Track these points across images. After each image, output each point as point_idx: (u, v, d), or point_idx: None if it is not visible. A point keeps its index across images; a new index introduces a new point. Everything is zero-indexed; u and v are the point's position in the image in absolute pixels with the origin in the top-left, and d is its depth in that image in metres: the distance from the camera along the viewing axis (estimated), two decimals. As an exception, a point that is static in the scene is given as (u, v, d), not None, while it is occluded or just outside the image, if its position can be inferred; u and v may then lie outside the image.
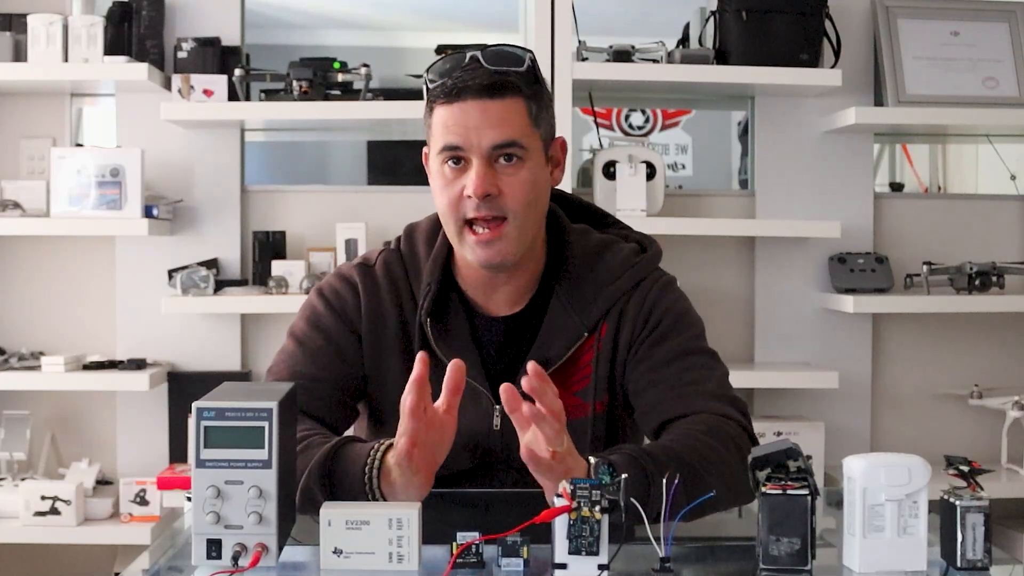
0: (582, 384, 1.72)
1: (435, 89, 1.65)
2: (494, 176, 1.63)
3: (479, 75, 1.62)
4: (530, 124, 1.65)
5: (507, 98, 1.63)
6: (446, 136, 1.63)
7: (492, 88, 1.62)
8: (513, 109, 1.63)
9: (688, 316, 1.77)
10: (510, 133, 1.63)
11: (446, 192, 1.65)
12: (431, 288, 1.72)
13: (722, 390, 1.70)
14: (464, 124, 1.62)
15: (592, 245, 1.78)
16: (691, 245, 3.22)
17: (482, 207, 1.62)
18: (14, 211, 3.05)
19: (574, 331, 1.71)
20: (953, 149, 3.84)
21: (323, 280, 1.82)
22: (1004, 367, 3.40)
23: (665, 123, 4.16)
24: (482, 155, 1.62)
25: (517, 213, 1.64)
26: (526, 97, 1.65)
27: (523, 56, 1.67)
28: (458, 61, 1.65)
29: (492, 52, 1.65)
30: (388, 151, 3.80)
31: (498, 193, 1.63)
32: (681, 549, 1.37)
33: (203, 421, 1.25)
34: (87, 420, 3.26)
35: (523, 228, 1.66)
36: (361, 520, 1.28)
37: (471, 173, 1.62)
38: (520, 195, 1.64)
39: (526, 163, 1.65)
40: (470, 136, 1.62)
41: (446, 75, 1.64)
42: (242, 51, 3.26)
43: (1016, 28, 3.37)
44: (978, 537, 1.28)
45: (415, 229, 1.82)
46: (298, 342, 1.75)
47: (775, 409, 3.27)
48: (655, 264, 1.79)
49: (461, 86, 1.62)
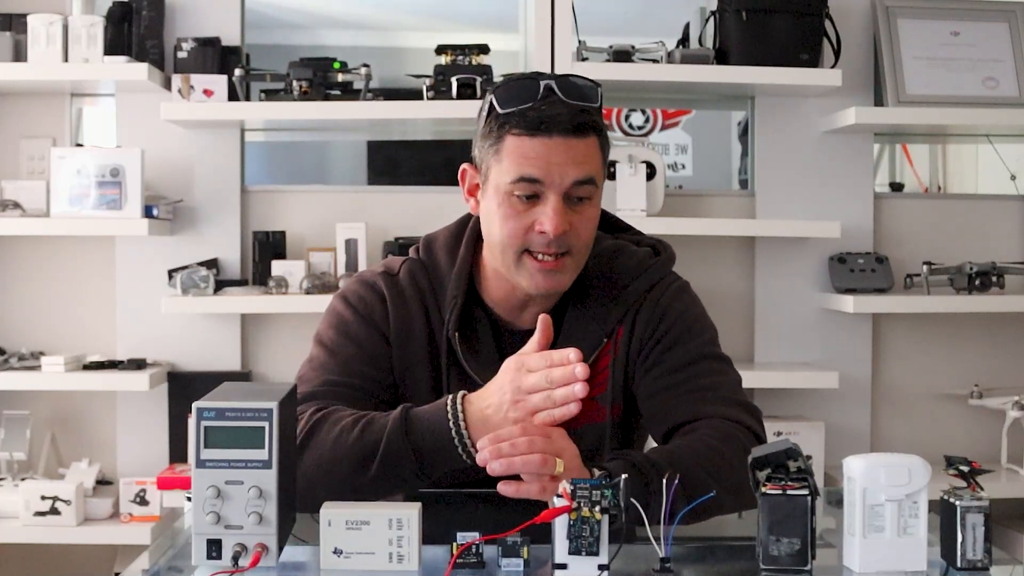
0: (600, 389, 1.71)
1: (511, 117, 1.62)
2: (570, 214, 1.62)
3: (564, 111, 1.60)
4: (602, 163, 1.66)
5: (589, 136, 1.62)
6: (525, 167, 1.60)
7: (579, 128, 1.61)
8: (593, 148, 1.63)
9: (700, 321, 1.76)
10: (589, 171, 1.62)
11: (511, 222, 1.63)
12: (457, 303, 1.71)
13: (735, 396, 1.69)
14: (547, 159, 1.60)
15: (605, 251, 1.77)
16: (691, 245, 3.22)
17: (553, 244, 1.62)
18: (14, 211, 3.05)
19: (593, 338, 1.71)
20: (953, 149, 3.84)
21: (345, 287, 1.79)
22: (1004, 367, 3.40)
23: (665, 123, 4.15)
24: (560, 192, 1.61)
25: (580, 249, 1.65)
26: (600, 136, 1.65)
27: (596, 91, 1.65)
28: (532, 90, 1.62)
29: (569, 85, 1.63)
30: (388, 151, 3.80)
31: (569, 229, 1.62)
32: (681, 549, 1.37)
33: (203, 421, 1.25)
34: (87, 420, 3.26)
35: (581, 262, 1.67)
36: (361, 520, 1.28)
37: (546, 209, 1.61)
38: (587, 233, 1.65)
39: (594, 199, 1.65)
40: (552, 172, 1.60)
41: (523, 103, 1.61)
42: (242, 51, 3.26)
43: (1016, 28, 3.37)
44: (978, 537, 1.28)
45: (434, 241, 1.79)
46: (328, 351, 1.72)
47: (775, 409, 3.27)
48: (669, 267, 1.79)
49: (547, 120, 1.59)
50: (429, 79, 3.11)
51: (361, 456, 1.53)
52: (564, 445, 1.43)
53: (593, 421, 1.70)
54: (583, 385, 1.44)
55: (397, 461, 1.52)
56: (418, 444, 1.52)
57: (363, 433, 1.54)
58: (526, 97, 1.62)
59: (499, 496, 1.42)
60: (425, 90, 3.11)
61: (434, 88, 3.09)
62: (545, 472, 1.39)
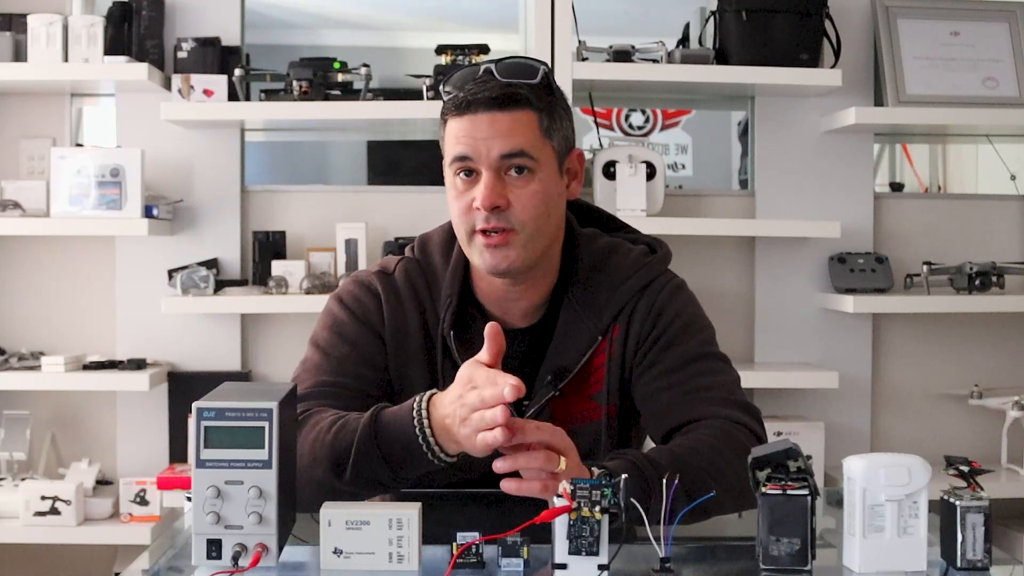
0: (596, 387, 1.71)
1: (448, 102, 1.66)
2: (503, 188, 1.63)
3: (489, 88, 1.63)
4: (541, 136, 1.65)
5: (516, 110, 1.63)
6: (456, 147, 1.64)
7: (501, 100, 1.62)
8: (522, 121, 1.63)
9: (698, 321, 1.75)
10: (518, 143, 1.62)
11: (457, 203, 1.66)
12: (452, 301, 1.71)
13: (733, 395, 1.68)
14: (473, 135, 1.62)
15: (600, 248, 1.77)
16: (691, 245, 3.22)
17: (491, 219, 1.62)
18: (14, 211, 3.05)
19: (587, 336, 1.71)
20: (953, 149, 3.84)
21: (340, 288, 1.79)
22: (1004, 367, 3.40)
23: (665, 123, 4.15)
24: (491, 166, 1.62)
25: (525, 225, 1.64)
26: (537, 109, 1.65)
27: (536, 68, 1.67)
28: (472, 73, 1.66)
29: (505, 65, 1.66)
30: (388, 151, 3.80)
31: (507, 205, 1.63)
32: (681, 549, 1.37)
33: (203, 421, 1.25)
34: (87, 420, 3.26)
35: (532, 240, 1.65)
36: (361, 520, 1.28)
37: (480, 185, 1.63)
38: (529, 207, 1.64)
39: (536, 175, 1.64)
40: (478, 147, 1.62)
41: (460, 88, 1.65)
42: (242, 51, 3.26)
43: (1016, 28, 3.37)
44: (978, 537, 1.28)
45: (429, 240, 1.80)
46: (322, 352, 1.72)
47: (775, 409, 3.27)
48: (664, 265, 1.78)
49: (471, 99, 1.63)
50: (429, 79, 3.11)
51: (335, 459, 1.52)
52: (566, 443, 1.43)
53: (589, 420, 1.70)
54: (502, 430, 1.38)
55: (369, 465, 1.51)
56: (387, 449, 1.50)
57: (336, 437, 1.53)
58: (464, 81, 1.66)
59: (499, 496, 1.42)
60: (425, 90, 3.11)
61: (434, 88, 3.09)
62: (548, 469, 1.39)
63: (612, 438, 1.72)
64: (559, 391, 1.69)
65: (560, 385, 1.69)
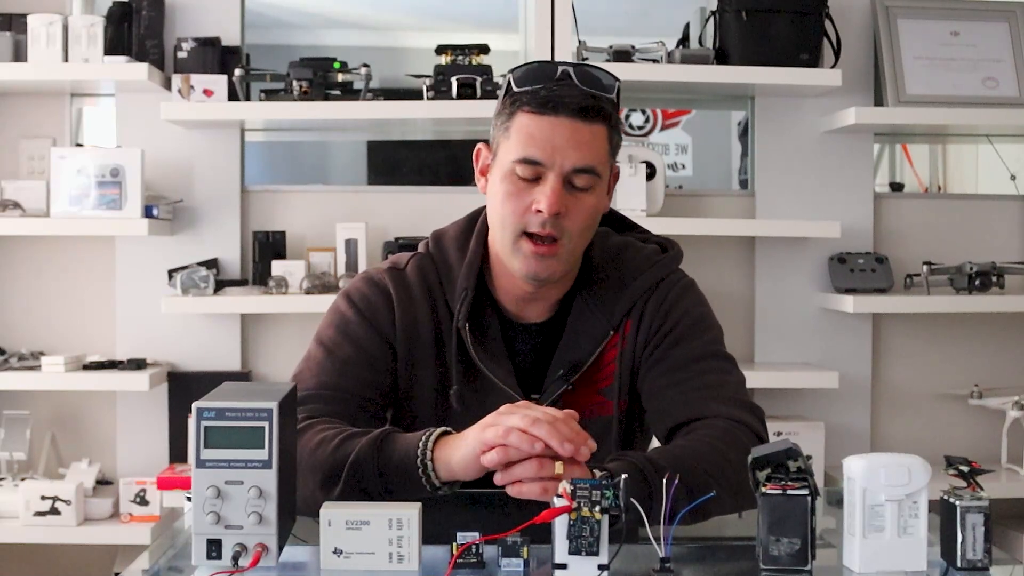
0: (607, 382, 1.72)
1: (524, 95, 1.63)
2: (565, 196, 1.62)
3: (574, 94, 1.61)
4: (608, 153, 1.65)
5: (596, 123, 1.62)
6: (529, 147, 1.61)
7: (585, 111, 1.61)
8: (599, 135, 1.63)
9: (706, 320, 1.76)
10: (591, 159, 1.62)
11: (511, 201, 1.63)
12: (467, 295, 1.70)
13: (738, 395, 1.68)
14: (551, 140, 1.60)
15: (612, 246, 1.78)
16: (691, 245, 3.19)
17: (548, 224, 1.61)
18: (14, 211, 3.05)
19: (599, 331, 1.71)
20: (953, 149, 3.84)
21: (351, 285, 1.77)
22: (1004, 367, 3.40)
23: (665, 123, 4.16)
24: (561, 175, 1.61)
25: (573, 236, 1.64)
26: (610, 126, 1.65)
27: (613, 83, 1.66)
28: (549, 72, 1.64)
29: (585, 72, 1.64)
30: (388, 151, 3.80)
31: (565, 213, 1.62)
32: (681, 549, 1.37)
33: (203, 421, 1.25)
34: (87, 420, 3.26)
35: (574, 250, 1.66)
36: (361, 520, 1.28)
37: (545, 189, 1.61)
38: (581, 220, 1.64)
39: (595, 190, 1.65)
40: (554, 154, 1.60)
41: (538, 83, 1.62)
42: (242, 51, 3.26)
43: (1016, 28, 3.37)
44: (978, 537, 1.28)
45: (443, 236, 1.79)
46: (327, 350, 1.70)
47: (775, 409, 3.27)
48: (676, 264, 1.79)
49: (556, 100, 1.60)
50: (429, 79, 3.11)
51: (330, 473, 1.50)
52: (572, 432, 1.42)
53: (599, 414, 1.71)
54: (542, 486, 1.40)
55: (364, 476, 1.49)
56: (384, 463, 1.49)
57: (338, 448, 1.52)
58: (541, 77, 1.63)
59: (499, 496, 1.42)
60: (425, 90, 3.11)
61: (434, 88, 3.09)
62: (543, 475, 1.39)
63: (622, 433, 1.73)
64: (571, 385, 1.69)
65: (572, 379, 1.69)
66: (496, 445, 1.40)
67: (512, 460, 1.40)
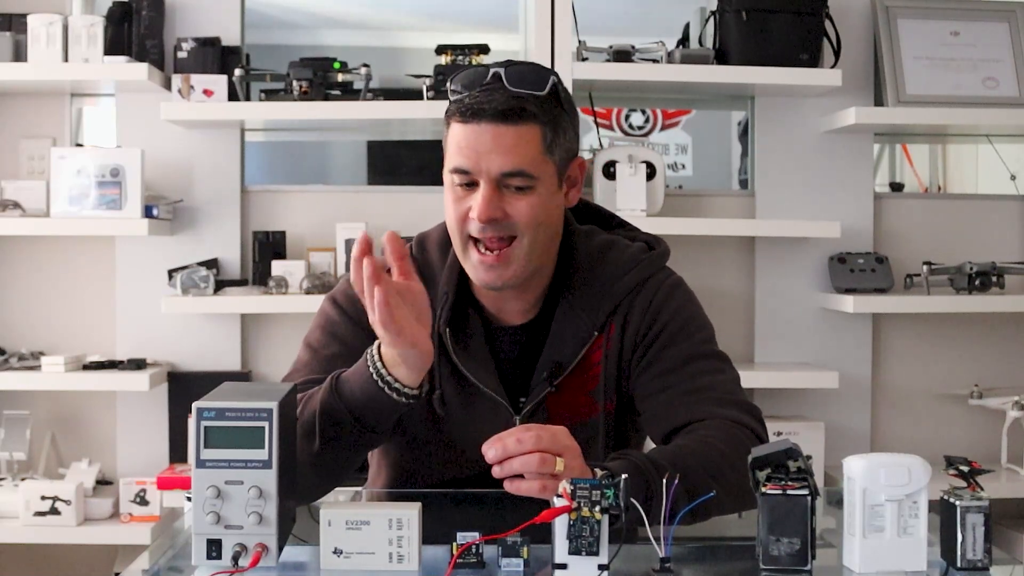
0: (593, 384, 1.71)
1: (452, 104, 1.64)
2: (500, 200, 1.62)
3: (496, 98, 1.60)
4: (542, 152, 1.63)
5: (521, 125, 1.61)
6: (457, 157, 1.62)
7: (507, 114, 1.60)
8: (526, 137, 1.61)
9: (696, 319, 1.74)
10: (519, 162, 1.61)
11: (453, 208, 1.65)
12: (448, 297, 1.70)
13: (733, 395, 1.67)
14: (475, 148, 1.60)
15: (597, 245, 1.76)
16: (691, 245, 3.22)
17: (487, 229, 1.62)
18: (14, 211, 3.05)
19: (584, 332, 1.70)
20: (953, 149, 3.84)
21: (335, 288, 1.79)
22: (1004, 367, 3.40)
23: (665, 123, 4.16)
24: (490, 180, 1.61)
25: (525, 232, 1.63)
26: (542, 123, 1.63)
27: (545, 78, 1.64)
28: (480, 76, 1.63)
29: (515, 72, 1.63)
30: (388, 151, 3.80)
31: (504, 217, 1.62)
32: (681, 549, 1.37)
33: (203, 421, 1.26)
34: (87, 420, 3.26)
35: (531, 248, 1.65)
36: (361, 520, 1.28)
37: (478, 195, 1.61)
38: (527, 217, 1.63)
39: (535, 190, 1.63)
40: (480, 161, 1.60)
41: (466, 90, 1.63)
42: (242, 51, 3.26)
43: (1016, 28, 3.37)
44: (978, 537, 1.28)
45: (426, 238, 1.80)
46: (313, 351, 1.72)
47: (775, 409, 3.27)
48: (662, 262, 1.78)
49: (477, 107, 1.60)
50: (429, 79, 3.11)
51: (306, 431, 1.53)
52: (567, 443, 1.43)
53: (586, 416, 1.70)
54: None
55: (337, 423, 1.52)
56: (349, 400, 1.52)
57: (304, 409, 1.55)
58: (472, 83, 1.64)
59: (499, 496, 1.42)
60: (425, 90, 3.11)
61: (434, 88, 3.09)
62: (544, 471, 1.39)
63: (610, 434, 1.72)
64: (555, 387, 1.69)
65: (556, 381, 1.69)
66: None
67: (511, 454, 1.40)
